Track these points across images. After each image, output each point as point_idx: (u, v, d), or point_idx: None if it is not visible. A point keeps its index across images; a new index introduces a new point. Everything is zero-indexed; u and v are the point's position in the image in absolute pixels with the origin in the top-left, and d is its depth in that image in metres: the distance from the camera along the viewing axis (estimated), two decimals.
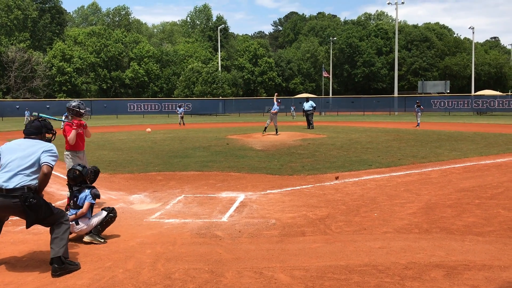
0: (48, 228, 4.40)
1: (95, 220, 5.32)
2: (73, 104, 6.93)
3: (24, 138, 4.52)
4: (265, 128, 20.18)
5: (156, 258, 4.63)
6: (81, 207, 5.34)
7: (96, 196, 5.46)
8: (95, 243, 5.17)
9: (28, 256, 4.81)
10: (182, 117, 32.48)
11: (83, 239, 5.25)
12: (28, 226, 4.28)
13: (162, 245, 5.05)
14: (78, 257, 4.65)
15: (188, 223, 6.01)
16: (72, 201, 5.43)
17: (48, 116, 4.81)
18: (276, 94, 23.03)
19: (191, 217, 6.29)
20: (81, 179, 5.53)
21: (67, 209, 5.57)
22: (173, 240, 5.26)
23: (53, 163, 4.33)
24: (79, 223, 5.27)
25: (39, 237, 5.44)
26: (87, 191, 5.43)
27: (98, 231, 5.30)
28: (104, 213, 5.41)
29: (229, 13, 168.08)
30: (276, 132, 19.70)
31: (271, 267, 4.34)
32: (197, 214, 6.48)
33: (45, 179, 4.28)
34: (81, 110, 6.84)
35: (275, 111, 19.84)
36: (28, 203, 4.12)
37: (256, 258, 4.61)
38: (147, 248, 4.97)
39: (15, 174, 4.19)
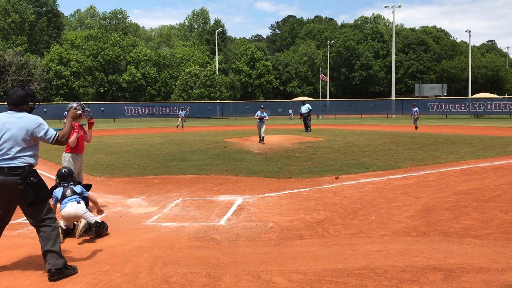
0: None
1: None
2: (69, 105, 6.90)
3: (10, 109, 4.32)
4: (262, 137, 19.70)
5: (154, 262, 4.62)
6: (79, 193, 5.83)
7: (88, 187, 6.20)
8: (88, 233, 5.45)
9: (25, 260, 4.80)
10: (184, 120, 32.75)
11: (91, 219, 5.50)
12: (27, 204, 4.19)
13: (160, 249, 5.03)
14: (75, 261, 4.63)
15: (185, 226, 5.99)
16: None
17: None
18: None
19: (188, 221, 6.27)
20: (69, 178, 6.07)
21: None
22: (171, 243, 5.24)
23: (50, 133, 4.33)
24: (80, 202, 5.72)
25: (36, 241, 5.38)
26: (79, 186, 6.00)
27: (101, 225, 5.51)
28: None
29: (228, 17, 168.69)
30: (262, 139, 19.30)
31: (269, 270, 4.34)
32: (194, 217, 6.47)
33: (64, 141, 4.48)
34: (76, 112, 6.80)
35: (267, 118, 19.60)
36: (28, 181, 4.13)
37: (254, 261, 4.60)
38: (144, 252, 4.95)
39: (14, 155, 4.15)
